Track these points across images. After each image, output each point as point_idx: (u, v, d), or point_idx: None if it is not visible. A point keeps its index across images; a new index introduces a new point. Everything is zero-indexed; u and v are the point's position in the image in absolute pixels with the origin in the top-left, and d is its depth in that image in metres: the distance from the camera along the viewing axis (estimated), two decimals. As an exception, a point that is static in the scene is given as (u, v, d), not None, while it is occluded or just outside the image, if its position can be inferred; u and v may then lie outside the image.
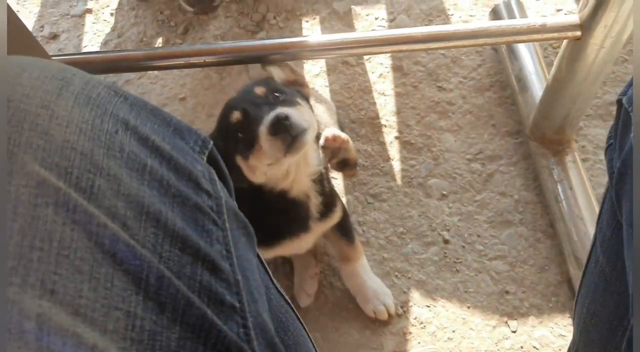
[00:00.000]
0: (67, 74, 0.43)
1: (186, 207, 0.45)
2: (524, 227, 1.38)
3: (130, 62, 1.08)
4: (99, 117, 0.42)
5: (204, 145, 0.51)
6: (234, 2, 1.83)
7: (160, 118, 0.48)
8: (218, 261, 0.45)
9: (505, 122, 1.53)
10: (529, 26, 1.07)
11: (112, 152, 0.41)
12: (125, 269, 0.38)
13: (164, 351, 0.39)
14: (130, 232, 0.40)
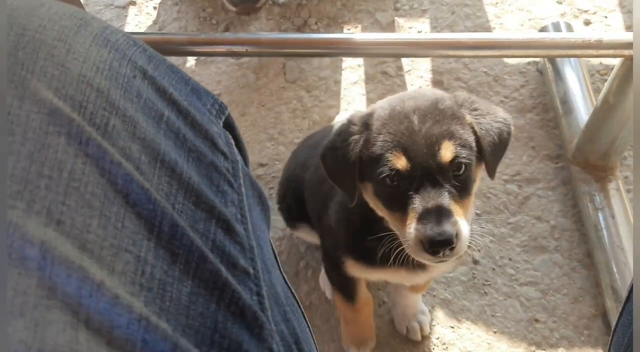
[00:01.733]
0: (86, 15, 0.42)
1: (202, 163, 0.43)
2: (559, 255, 1.31)
3: (173, 45, 1.06)
4: (117, 60, 0.40)
5: (221, 110, 0.49)
6: (277, 5, 1.82)
7: (178, 75, 0.46)
8: (233, 222, 0.42)
9: (545, 145, 1.47)
10: (584, 41, 1.03)
11: (129, 95, 0.39)
12: (138, 212, 0.36)
13: (174, 303, 0.35)
14: (144, 176, 0.37)
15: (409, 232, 0.70)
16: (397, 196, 0.73)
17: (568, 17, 1.70)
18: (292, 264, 1.35)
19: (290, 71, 1.67)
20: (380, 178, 0.73)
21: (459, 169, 0.72)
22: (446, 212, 0.69)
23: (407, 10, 1.78)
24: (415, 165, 0.71)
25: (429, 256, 0.70)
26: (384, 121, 0.75)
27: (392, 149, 0.72)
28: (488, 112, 0.78)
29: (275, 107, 1.61)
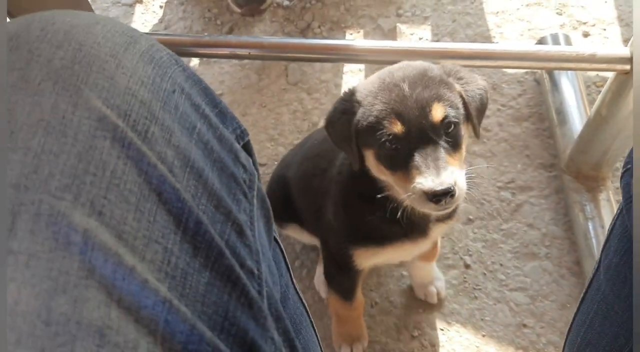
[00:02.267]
0: (135, 33, 0.47)
1: (224, 173, 0.48)
2: (549, 262, 1.34)
3: (177, 47, 1.09)
4: (160, 76, 0.45)
5: (241, 136, 0.54)
6: (282, 7, 1.85)
7: (210, 97, 0.51)
8: (244, 227, 0.47)
9: (540, 153, 1.50)
10: (577, 54, 1.06)
11: (167, 108, 0.44)
12: (169, 208, 0.40)
13: (193, 291, 0.40)
14: (176, 178, 0.41)
15: (413, 186, 0.76)
16: (397, 157, 0.79)
17: (567, 29, 1.73)
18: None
19: (292, 73, 1.70)
20: (380, 143, 0.79)
21: (449, 127, 0.79)
22: (443, 165, 0.75)
23: (410, 17, 1.81)
24: (409, 127, 0.77)
25: (433, 205, 0.76)
26: (376, 93, 0.81)
27: (387, 116, 0.78)
28: (472, 81, 0.85)
29: (276, 109, 1.64)
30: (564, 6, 1.78)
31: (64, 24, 0.42)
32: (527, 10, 1.79)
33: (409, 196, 0.77)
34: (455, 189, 0.75)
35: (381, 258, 1.04)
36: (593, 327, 0.67)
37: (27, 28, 0.41)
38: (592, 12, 1.76)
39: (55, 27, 0.41)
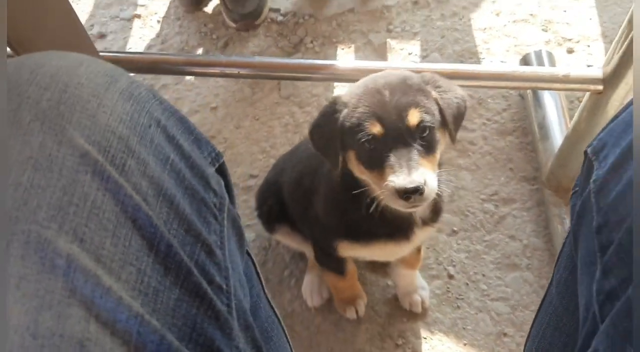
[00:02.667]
0: (116, 73, 0.52)
1: (195, 199, 0.53)
2: (529, 273, 1.39)
3: (170, 65, 1.14)
4: (137, 112, 0.50)
5: (216, 158, 0.60)
6: (275, 22, 1.90)
7: (185, 126, 0.56)
8: (214, 247, 0.53)
9: (523, 167, 1.55)
10: (551, 75, 1.11)
11: (143, 141, 0.49)
12: (142, 234, 0.45)
13: (164, 306, 0.45)
14: (149, 207, 0.47)
15: (386, 184, 0.82)
16: (375, 157, 0.84)
17: (552, 45, 1.78)
18: (276, 273, 1.42)
19: (285, 87, 1.75)
20: (360, 143, 0.85)
21: (424, 132, 0.84)
22: (415, 165, 0.81)
23: (399, 33, 1.86)
24: (387, 129, 0.83)
25: (403, 202, 0.81)
26: (360, 97, 0.87)
27: (368, 118, 0.84)
28: (449, 90, 0.91)
29: (269, 122, 1.69)
30: (550, 23, 1.83)
31: (51, 67, 0.47)
32: (514, 26, 1.84)
33: (383, 192, 0.83)
34: (425, 188, 0.80)
35: (363, 253, 1.11)
36: (545, 337, 0.72)
37: (19, 71, 0.46)
38: (576, 29, 1.81)
39: (44, 70, 0.46)
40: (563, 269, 0.68)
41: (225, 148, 1.64)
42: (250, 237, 1.48)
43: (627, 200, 0.51)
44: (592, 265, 0.54)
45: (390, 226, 1.00)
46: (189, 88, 1.77)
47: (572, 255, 0.64)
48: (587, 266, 0.56)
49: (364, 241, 1.04)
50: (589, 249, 0.55)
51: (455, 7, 1.91)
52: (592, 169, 0.58)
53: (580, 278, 0.58)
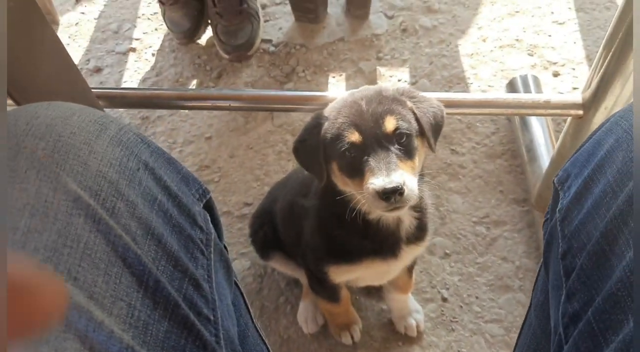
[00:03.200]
0: (106, 120, 0.55)
1: (182, 236, 0.56)
2: (522, 294, 1.40)
3: (162, 100, 1.18)
4: (126, 156, 0.53)
5: (203, 194, 0.63)
6: (267, 53, 1.95)
7: (173, 166, 0.60)
8: (201, 281, 0.56)
9: (513, 189, 1.58)
10: (533, 101, 1.15)
11: (132, 184, 0.52)
12: (132, 271, 0.48)
13: (154, 338, 0.48)
14: (138, 246, 0.49)
15: (366, 187, 0.84)
16: (355, 164, 0.87)
17: (538, 69, 1.82)
18: (272, 300, 1.44)
19: (278, 116, 1.79)
20: (341, 153, 0.88)
21: (401, 138, 0.87)
22: (393, 167, 0.84)
23: (389, 60, 1.91)
24: (365, 137, 0.86)
25: (384, 204, 0.83)
26: (339, 110, 0.91)
27: (347, 127, 0.88)
28: (425, 100, 0.95)
29: (262, 150, 1.72)
30: (535, 47, 1.88)
31: (46, 118, 0.50)
32: (500, 51, 1.89)
33: (364, 196, 0.85)
34: (404, 188, 0.82)
35: (354, 274, 1.12)
36: None
37: (16, 122, 0.49)
38: (561, 53, 1.85)
39: (39, 121, 0.50)
40: (540, 292, 0.70)
41: (220, 177, 1.67)
42: (245, 265, 1.50)
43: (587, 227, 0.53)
44: (559, 289, 0.56)
45: (376, 241, 1.01)
46: (183, 119, 1.81)
47: (545, 280, 0.67)
48: (555, 289, 0.58)
49: (352, 261, 1.05)
50: (556, 274, 0.58)
51: (443, 34, 1.96)
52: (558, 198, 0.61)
53: (551, 301, 0.60)
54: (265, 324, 1.39)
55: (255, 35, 1.92)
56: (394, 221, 1.01)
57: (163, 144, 1.76)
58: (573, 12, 1.96)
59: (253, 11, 1.92)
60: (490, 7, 2.02)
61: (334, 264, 1.07)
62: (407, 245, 1.05)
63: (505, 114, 1.46)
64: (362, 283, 1.25)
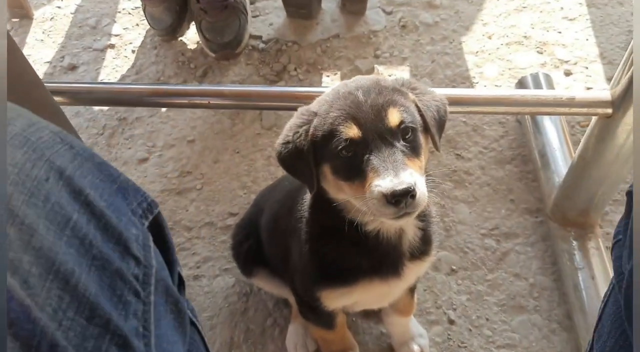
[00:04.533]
0: (14, 113, 0.40)
1: (105, 271, 0.40)
2: (538, 315, 1.26)
3: (132, 96, 1.03)
4: (32, 161, 0.38)
5: (149, 209, 0.48)
6: (257, 50, 1.81)
7: (106, 173, 0.44)
8: (131, 337, 0.40)
9: (525, 198, 1.43)
10: (555, 98, 1.00)
11: (34, 200, 0.37)
12: (14, 332, 0.32)
13: None
14: (30, 291, 0.34)
15: (372, 190, 0.72)
16: (354, 164, 0.75)
17: (549, 67, 1.69)
18: (258, 322, 1.29)
19: (267, 118, 1.64)
20: (337, 151, 0.76)
21: (406, 133, 0.77)
22: (402, 166, 0.72)
23: (387, 58, 1.77)
24: (366, 131, 0.75)
25: (393, 208, 0.72)
26: (330, 103, 0.79)
27: (342, 121, 0.76)
28: (427, 92, 0.84)
29: (250, 154, 1.57)
30: (545, 45, 1.75)
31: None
32: (507, 49, 1.75)
33: (368, 202, 0.73)
34: (416, 189, 0.71)
35: (350, 299, 0.97)
36: None
37: None
38: (573, 51, 1.72)
39: None
40: (607, 336, 0.55)
41: (203, 184, 1.52)
42: (229, 282, 1.35)
43: None
44: None
45: (375, 257, 0.88)
46: (164, 120, 1.66)
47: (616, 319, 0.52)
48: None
49: (348, 283, 0.91)
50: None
51: (445, 30, 1.82)
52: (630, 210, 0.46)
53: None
54: (250, 349, 1.24)
55: (243, 31, 1.77)
56: (396, 233, 0.87)
57: (141, 147, 1.61)
58: (584, 8, 1.83)
59: (240, 5, 1.77)
60: (496, 2, 1.89)
61: (327, 288, 0.93)
62: (411, 261, 0.91)
63: (522, 113, 1.32)
64: (358, 308, 1.10)
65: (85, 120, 1.68)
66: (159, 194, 1.51)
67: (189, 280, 1.36)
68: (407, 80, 0.85)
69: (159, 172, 1.56)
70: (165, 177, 1.55)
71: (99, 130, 1.66)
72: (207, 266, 1.38)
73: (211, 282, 1.36)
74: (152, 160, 1.58)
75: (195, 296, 1.34)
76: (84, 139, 1.64)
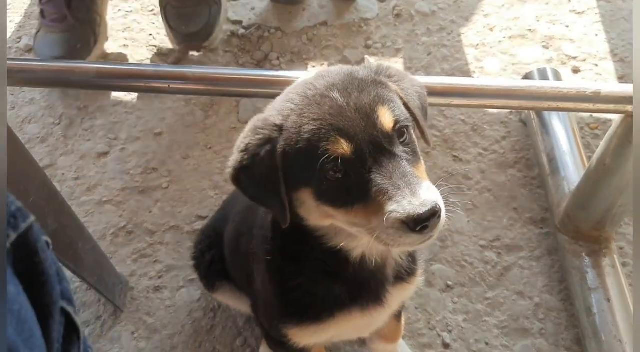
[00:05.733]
0: None
1: None
2: (543, 340, 1.11)
3: (78, 76, 0.86)
4: None
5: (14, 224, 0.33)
6: (236, 36, 1.64)
7: None
8: None
9: (529, 207, 1.28)
10: (578, 92, 0.85)
11: None
12: None
13: None
14: None
15: (387, 218, 0.59)
16: (349, 186, 0.62)
17: (555, 64, 1.55)
18: (226, 342, 1.12)
19: (244, 110, 1.48)
20: (321, 174, 0.61)
21: (402, 135, 0.65)
22: (415, 180, 0.60)
23: (380, 49, 1.61)
24: (358, 144, 0.61)
25: (417, 236, 0.59)
26: (300, 110, 0.64)
27: (325, 136, 0.61)
28: (404, 77, 0.72)
29: (224, 151, 1.41)
30: (551, 39, 1.60)
31: None
32: (510, 43, 1.60)
33: (381, 231, 0.60)
34: (440, 207, 0.59)
35: (325, 335, 0.82)
36: None
37: None
38: (582, 47, 1.58)
39: None
40: None
41: (170, 183, 1.35)
42: (194, 295, 1.18)
43: None
44: None
45: (354, 285, 0.74)
46: (129, 110, 1.49)
47: None
48: None
49: (321, 319, 0.76)
50: None
51: (443, 21, 1.67)
52: None
53: None
54: (215, 375, 1.08)
55: (215, 21, 1.57)
56: (381, 255, 0.73)
57: (102, 140, 1.44)
58: (593, 1, 1.69)
59: None
60: (498, -8, 1.74)
61: (296, 325, 0.77)
62: (395, 285, 0.77)
63: (538, 109, 1.16)
64: (336, 340, 0.94)
65: (41, 108, 1.50)
66: (119, 192, 1.34)
67: (149, 292, 1.19)
68: (381, 66, 0.71)
69: (120, 168, 1.39)
70: (127, 174, 1.37)
71: (56, 120, 1.48)
72: (170, 276, 1.21)
73: (174, 294, 1.19)
74: (113, 154, 1.41)
75: (155, 310, 1.17)
76: (38, 128, 1.47)
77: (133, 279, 1.22)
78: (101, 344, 1.14)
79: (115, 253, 1.26)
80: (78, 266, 0.98)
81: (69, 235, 0.96)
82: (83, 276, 1.01)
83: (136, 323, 1.16)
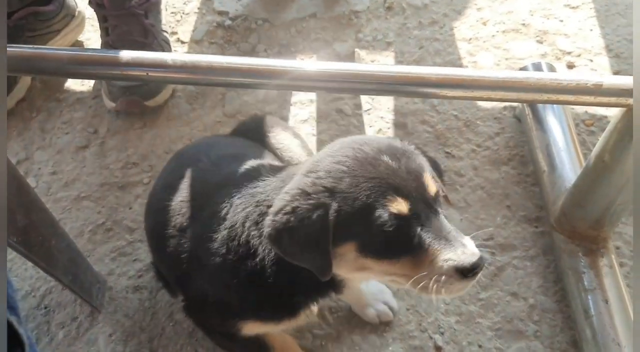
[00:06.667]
0: None
1: None
2: (538, 342, 1.08)
3: (50, 62, 0.81)
4: None
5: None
6: (222, 27, 1.59)
7: None
8: None
9: (523, 205, 1.25)
10: (578, 84, 0.81)
11: None
12: None
13: None
14: None
15: (440, 266, 0.68)
16: (400, 240, 0.69)
17: (549, 59, 1.51)
18: (209, 345, 1.09)
19: (230, 103, 1.43)
20: (376, 228, 0.68)
21: (438, 197, 0.74)
22: (459, 236, 0.70)
23: (370, 42, 1.57)
24: (413, 202, 0.69)
25: (466, 282, 0.69)
26: (354, 173, 0.71)
27: (384, 194, 0.69)
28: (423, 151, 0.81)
29: (209, 145, 1.35)
30: (545, 34, 1.57)
31: None
32: (504, 37, 1.57)
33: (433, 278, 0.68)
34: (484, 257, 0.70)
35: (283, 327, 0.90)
36: None
37: None
38: (576, 41, 1.54)
39: None
40: None
41: (151, 178, 1.30)
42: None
43: None
44: None
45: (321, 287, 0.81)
46: (110, 103, 1.43)
47: None
48: None
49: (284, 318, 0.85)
50: None
51: (435, 14, 1.63)
52: None
53: None
54: (196, 380, 1.03)
55: None
56: None
57: (81, 133, 1.38)
58: (588, -4, 1.65)
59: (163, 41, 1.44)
60: (492, -15, 1.70)
61: (252, 320, 0.86)
62: None
63: (537, 101, 1.11)
64: None
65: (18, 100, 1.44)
66: (98, 188, 1.29)
67: (128, 292, 1.14)
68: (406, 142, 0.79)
69: (99, 162, 1.33)
70: (106, 169, 1.32)
71: (33, 113, 1.42)
72: (150, 275, 1.16)
73: (154, 295, 1.14)
74: (93, 148, 1.36)
75: (134, 311, 1.12)
76: (15, 122, 1.41)
77: (111, 278, 1.16)
78: (77, 347, 1.08)
79: (93, 251, 1.20)
80: (50, 265, 0.92)
81: (40, 232, 0.90)
82: (56, 275, 0.95)
83: (114, 325, 1.10)
